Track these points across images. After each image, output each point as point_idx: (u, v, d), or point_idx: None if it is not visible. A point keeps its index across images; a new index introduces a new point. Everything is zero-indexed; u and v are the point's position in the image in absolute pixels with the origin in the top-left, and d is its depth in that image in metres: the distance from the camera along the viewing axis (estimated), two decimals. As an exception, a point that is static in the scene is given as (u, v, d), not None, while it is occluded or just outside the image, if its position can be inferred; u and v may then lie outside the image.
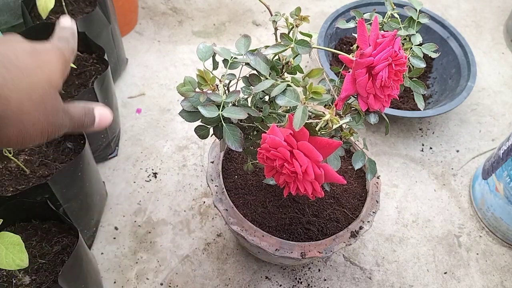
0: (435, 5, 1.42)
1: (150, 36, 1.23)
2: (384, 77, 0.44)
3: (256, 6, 1.35)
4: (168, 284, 0.82)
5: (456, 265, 0.89)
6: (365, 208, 0.74)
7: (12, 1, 0.92)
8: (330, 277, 0.85)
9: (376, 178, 0.78)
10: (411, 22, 0.58)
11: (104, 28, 0.96)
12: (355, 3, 1.19)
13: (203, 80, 0.49)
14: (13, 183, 0.71)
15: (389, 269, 0.87)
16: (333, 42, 1.18)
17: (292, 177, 0.44)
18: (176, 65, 1.17)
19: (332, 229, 0.73)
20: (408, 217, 0.95)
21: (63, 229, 0.70)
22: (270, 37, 1.27)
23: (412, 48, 0.56)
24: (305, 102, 0.44)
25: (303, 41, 0.48)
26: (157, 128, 1.04)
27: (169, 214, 0.91)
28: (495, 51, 1.30)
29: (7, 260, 0.54)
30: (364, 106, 0.47)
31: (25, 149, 0.75)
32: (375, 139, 1.07)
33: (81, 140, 0.78)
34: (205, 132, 0.52)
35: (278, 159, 0.44)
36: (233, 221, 0.70)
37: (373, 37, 0.44)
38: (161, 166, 0.98)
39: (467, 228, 0.94)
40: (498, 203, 0.89)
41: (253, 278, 0.84)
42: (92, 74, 0.88)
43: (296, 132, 0.42)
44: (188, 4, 1.34)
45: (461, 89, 1.05)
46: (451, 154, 1.06)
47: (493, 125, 1.13)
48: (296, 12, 0.50)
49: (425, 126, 1.11)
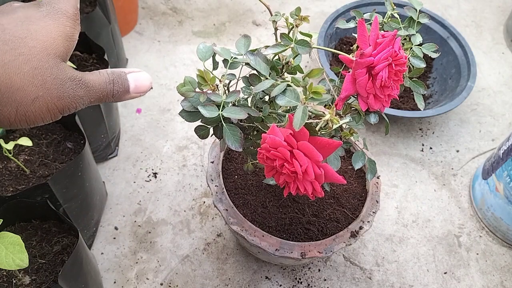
0: (435, 5, 1.42)
1: (150, 36, 1.23)
2: (384, 77, 0.44)
3: (256, 6, 1.35)
4: (168, 284, 0.82)
5: (456, 265, 0.89)
6: (365, 208, 0.75)
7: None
8: (330, 277, 0.85)
9: (376, 178, 0.78)
10: (411, 22, 0.58)
11: (104, 28, 0.96)
12: (355, 3, 1.19)
13: (203, 80, 0.49)
14: (13, 183, 0.71)
15: (389, 269, 0.87)
16: (333, 42, 1.18)
17: (292, 177, 0.44)
18: (176, 65, 1.17)
19: (332, 229, 0.73)
20: (408, 217, 0.95)
21: (63, 229, 0.70)
22: (270, 37, 1.27)
23: (412, 48, 0.56)
24: (305, 102, 0.44)
25: (303, 41, 0.48)
26: (157, 128, 1.04)
27: (169, 214, 0.91)
28: (495, 51, 1.30)
29: (7, 260, 0.54)
30: (364, 106, 0.47)
31: (25, 149, 0.75)
32: (375, 139, 1.07)
33: (81, 140, 0.78)
34: (205, 132, 0.52)
35: (278, 159, 0.44)
36: (233, 221, 0.70)
37: (373, 37, 0.44)
38: (161, 166, 0.98)
39: (467, 228, 0.94)
40: (498, 203, 0.89)
41: (253, 278, 0.84)
42: (92, 74, 0.88)
43: (296, 132, 0.42)
44: (188, 4, 1.34)
45: (461, 89, 1.05)
46: (451, 154, 1.06)
47: (493, 125, 1.13)
48: (296, 12, 0.50)
49: (425, 126, 1.11)
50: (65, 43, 0.34)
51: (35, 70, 0.32)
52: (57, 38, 0.33)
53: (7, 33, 0.32)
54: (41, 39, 0.33)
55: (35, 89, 0.32)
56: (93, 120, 0.86)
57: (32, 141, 0.72)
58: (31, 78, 0.31)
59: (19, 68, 0.31)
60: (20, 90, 0.31)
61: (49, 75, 0.32)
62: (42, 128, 0.79)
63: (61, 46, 0.34)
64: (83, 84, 0.34)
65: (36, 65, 0.32)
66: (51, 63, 0.33)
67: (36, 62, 0.32)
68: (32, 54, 0.32)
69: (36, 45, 0.32)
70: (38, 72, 0.32)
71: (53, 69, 0.32)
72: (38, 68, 0.32)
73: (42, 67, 0.32)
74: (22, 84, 0.31)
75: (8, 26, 0.32)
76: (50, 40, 0.33)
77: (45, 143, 0.77)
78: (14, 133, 0.78)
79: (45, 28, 0.33)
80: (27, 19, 0.33)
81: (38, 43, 0.32)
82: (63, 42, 0.34)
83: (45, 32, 0.33)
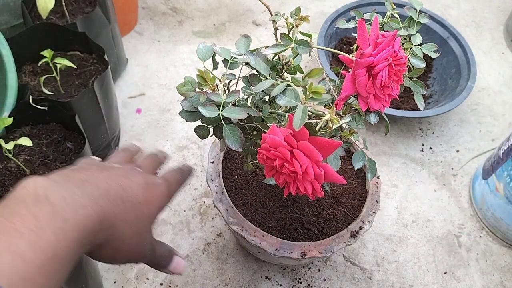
0: (435, 5, 1.42)
1: (150, 36, 1.23)
2: (384, 77, 0.44)
3: (256, 6, 1.35)
4: (168, 284, 0.82)
5: (456, 265, 0.89)
6: (365, 208, 0.75)
7: (12, 1, 0.92)
8: (330, 277, 0.85)
9: (376, 178, 0.79)
10: (411, 22, 0.58)
11: (104, 28, 0.96)
12: (355, 3, 1.19)
13: (203, 80, 0.49)
14: (13, 183, 0.71)
15: (389, 269, 0.87)
16: (333, 42, 1.18)
17: (292, 177, 0.44)
18: (176, 65, 1.17)
19: (332, 229, 0.73)
20: (408, 217, 0.95)
21: (63, 229, 0.70)
22: (270, 37, 1.27)
23: (412, 48, 0.56)
24: (305, 102, 0.44)
25: (303, 41, 0.48)
26: (157, 128, 1.04)
27: (169, 214, 0.91)
28: (495, 51, 1.30)
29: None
30: (364, 106, 0.47)
31: (25, 149, 0.75)
32: (375, 139, 1.07)
33: (81, 140, 0.78)
34: (205, 132, 0.52)
35: (278, 159, 0.44)
36: (233, 221, 0.70)
37: (373, 37, 0.44)
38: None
39: (467, 228, 0.94)
40: (498, 203, 0.89)
41: (253, 278, 0.84)
42: (92, 74, 0.88)
43: (296, 132, 0.42)
44: (188, 4, 1.34)
45: (461, 89, 1.05)
46: (451, 154, 1.06)
47: (493, 125, 1.13)
48: (296, 12, 0.50)
49: (425, 126, 1.11)
50: (158, 213, 0.42)
51: (139, 231, 0.39)
52: (158, 208, 0.42)
53: (135, 196, 0.39)
54: (150, 208, 0.40)
55: (131, 244, 0.39)
56: (93, 120, 0.86)
57: (32, 141, 0.71)
58: (134, 236, 0.38)
59: (132, 227, 0.38)
60: (125, 243, 0.38)
61: (143, 236, 0.40)
62: (42, 128, 0.79)
63: (157, 214, 0.42)
64: (153, 250, 0.42)
65: (141, 227, 0.39)
66: (147, 227, 0.40)
67: (142, 225, 0.39)
68: (142, 218, 0.39)
69: (147, 212, 0.40)
70: (140, 232, 0.39)
71: (147, 233, 0.41)
72: (141, 230, 0.39)
73: (143, 230, 0.40)
74: (129, 239, 0.38)
75: (131, 189, 0.39)
76: (154, 209, 0.41)
77: (45, 143, 0.77)
78: (14, 133, 0.78)
79: (156, 198, 0.41)
80: (147, 186, 0.40)
81: (148, 210, 0.40)
82: (159, 211, 0.42)
83: (154, 201, 0.41)
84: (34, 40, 0.84)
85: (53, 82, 0.85)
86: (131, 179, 0.40)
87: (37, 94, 0.82)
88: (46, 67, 0.86)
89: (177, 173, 0.48)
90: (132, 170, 0.42)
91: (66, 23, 0.89)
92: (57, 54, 0.89)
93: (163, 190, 0.43)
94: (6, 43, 0.78)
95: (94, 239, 0.34)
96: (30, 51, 0.85)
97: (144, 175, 0.42)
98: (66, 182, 0.34)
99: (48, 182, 0.33)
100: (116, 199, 0.37)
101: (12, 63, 0.77)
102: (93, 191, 0.35)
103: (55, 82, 0.85)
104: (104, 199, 0.35)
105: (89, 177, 0.36)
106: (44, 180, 0.34)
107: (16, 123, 0.75)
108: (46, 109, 0.76)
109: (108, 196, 0.36)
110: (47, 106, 0.76)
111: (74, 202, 0.33)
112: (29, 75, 0.86)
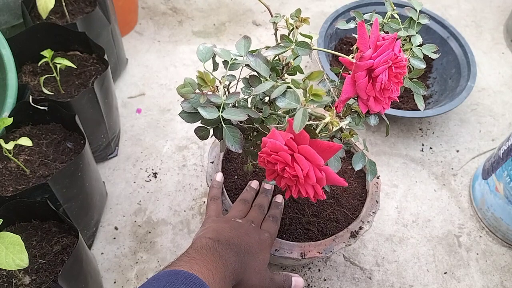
0: (435, 5, 1.42)
1: (150, 36, 1.23)
2: (384, 80, 0.44)
3: (256, 6, 1.34)
4: (168, 284, 0.82)
5: (456, 265, 0.89)
6: (365, 208, 0.75)
7: (12, 1, 0.92)
8: (330, 277, 0.85)
9: (376, 178, 0.79)
10: (411, 22, 0.58)
11: (104, 28, 0.96)
12: (355, 3, 1.19)
13: (203, 81, 0.49)
14: (13, 183, 0.71)
15: (389, 269, 0.87)
16: (333, 42, 1.18)
17: (294, 181, 0.44)
18: (176, 65, 1.17)
19: (332, 229, 0.73)
20: (408, 217, 0.95)
21: (63, 229, 0.70)
22: (270, 37, 1.27)
23: (412, 49, 0.56)
24: (305, 104, 0.44)
25: (303, 42, 0.48)
26: (157, 128, 1.04)
27: (169, 214, 0.91)
28: (495, 51, 1.30)
29: (7, 260, 0.54)
30: (364, 108, 0.47)
31: (25, 149, 0.75)
32: (375, 139, 1.07)
33: (81, 140, 0.78)
34: (205, 133, 0.52)
35: (279, 163, 0.44)
36: (233, 221, 0.70)
37: (373, 40, 0.44)
38: (161, 166, 0.98)
39: (467, 228, 0.95)
40: (498, 203, 0.89)
41: (253, 278, 0.84)
42: (92, 74, 0.88)
43: (297, 135, 0.42)
44: (188, 4, 1.34)
45: (461, 89, 1.05)
46: (451, 154, 1.06)
47: (493, 125, 1.13)
48: (296, 13, 0.50)
49: (425, 126, 1.11)
50: (269, 255, 0.64)
51: (260, 271, 0.60)
52: (269, 253, 0.64)
53: (253, 249, 0.60)
54: (265, 254, 0.62)
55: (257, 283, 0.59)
56: (93, 120, 0.86)
57: (32, 141, 0.72)
58: (258, 277, 0.59)
59: (255, 271, 0.59)
60: (251, 285, 0.59)
61: (263, 275, 0.60)
62: (42, 128, 0.79)
63: (269, 256, 0.64)
64: (273, 281, 0.61)
65: (261, 269, 0.60)
66: (264, 267, 0.61)
67: (262, 267, 0.61)
68: (261, 263, 0.61)
69: (263, 257, 0.62)
70: (261, 273, 0.60)
71: (265, 271, 0.61)
72: (261, 270, 0.60)
73: (263, 270, 0.61)
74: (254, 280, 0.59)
75: (252, 244, 0.61)
76: (267, 254, 0.63)
77: (45, 143, 0.77)
78: (14, 133, 0.78)
79: (267, 247, 0.63)
80: (260, 240, 0.62)
81: (263, 256, 0.62)
82: (269, 254, 0.64)
83: (266, 249, 0.63)
84: (34, 40, 0.84)
85: (53, 82, 0.85)
86: (251, 236, 0.61)
87: (37, 94, 0.82)
88: (46, 67, 0.86)
89: (275, 224, 0.67)
90: (250, 228, 0.63)
91: (66, 23, 0.89)
92: (57, 54, 0.89)
93: (269, 241, 0.63)
94: (6, 43, 0.78)
95: (236, 277, 0.56)
96: (30, 51, 0.85)
97: (257, 230, 0.63)
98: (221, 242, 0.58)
99: (214, 241, 0.57)
100: (245, 253, 0.58)
101: (12, 63, 0.77)
102: (235, 248, 0.58)
103: (55, 82, 0.85)
104: (239, 253, 0.57)
105: (229, 237, 0.59)
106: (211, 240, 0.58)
107: (16, 123, 0.75)
108: (46, 109, 0.76)
109: (240, 250, 0.58)
110: (47, 106, 0.76)
111: (227, 255, 0.56)
112: (29, 75, 0.86)
